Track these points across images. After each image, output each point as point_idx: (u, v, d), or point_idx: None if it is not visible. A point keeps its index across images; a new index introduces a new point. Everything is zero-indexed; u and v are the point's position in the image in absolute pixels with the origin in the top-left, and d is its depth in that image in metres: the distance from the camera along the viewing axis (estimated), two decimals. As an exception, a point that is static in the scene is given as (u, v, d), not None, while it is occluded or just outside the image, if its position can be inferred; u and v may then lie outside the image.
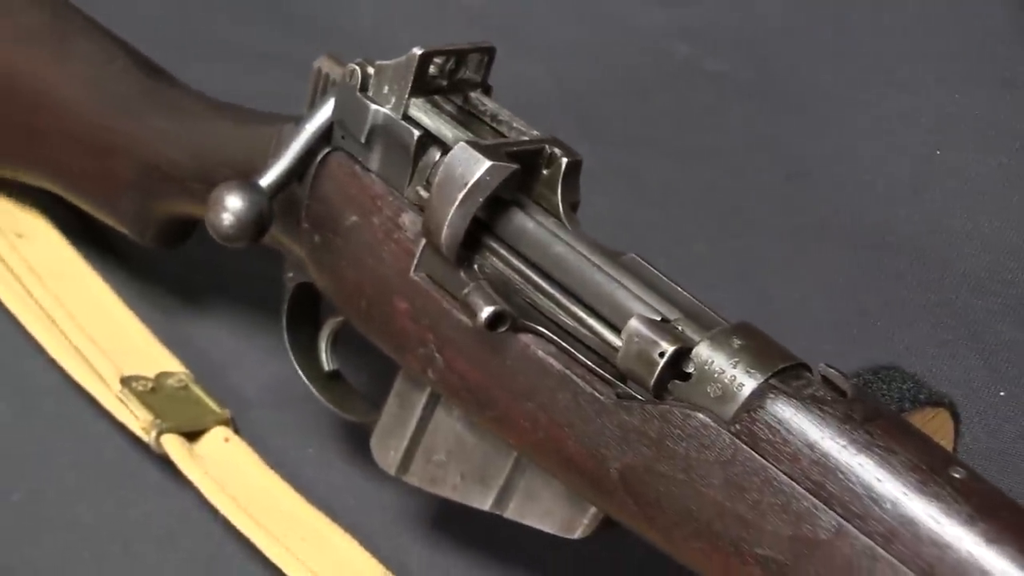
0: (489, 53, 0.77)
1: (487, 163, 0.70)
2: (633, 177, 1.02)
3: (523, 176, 0.72)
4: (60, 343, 0.93)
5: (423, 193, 0.74)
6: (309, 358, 0.86)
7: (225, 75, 1.10)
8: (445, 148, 0.73)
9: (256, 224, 0.75)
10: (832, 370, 0.65)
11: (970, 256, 0.96)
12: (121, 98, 0.91)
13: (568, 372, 0.69)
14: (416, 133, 0.74)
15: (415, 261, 0.74)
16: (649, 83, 1.07)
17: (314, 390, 0.86)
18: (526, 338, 0.70)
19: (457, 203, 0.70)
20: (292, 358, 0.86)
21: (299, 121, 0.79)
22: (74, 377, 0.92)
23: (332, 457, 0.90)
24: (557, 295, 0.70)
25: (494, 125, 0.76)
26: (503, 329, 0.69)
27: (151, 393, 0.91)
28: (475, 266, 0.72)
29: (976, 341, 0.92)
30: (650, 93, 1.06)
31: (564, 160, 0.74)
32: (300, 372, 0.86)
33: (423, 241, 0.73)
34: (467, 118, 0.76)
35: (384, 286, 0.75)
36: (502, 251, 0.72)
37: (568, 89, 1.08)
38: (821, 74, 1.07)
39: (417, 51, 0.75)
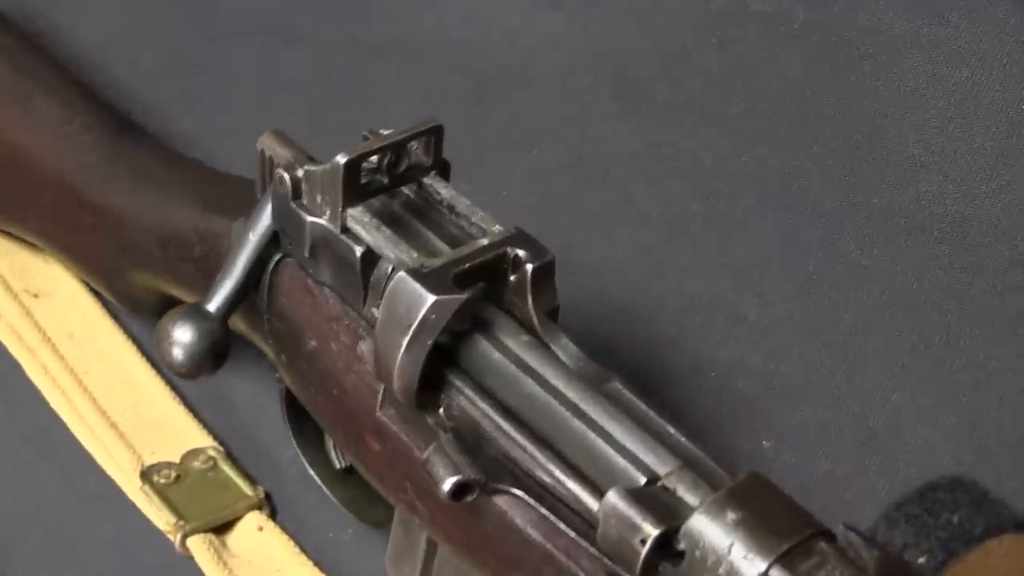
0: (434, 133, 0.66)
1: (431, 298, 0.60)
2: (679, 158, 0.89)
3: (489, 285, 0.63)
4: (79, 425, 0.87)
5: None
6: (320, 454, 0.78)
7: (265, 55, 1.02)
8: None
9: (212, 355, 0.69)
10: (853, 534, 0.54)
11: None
12: (83, 168, 0.83)
13: (549, 546, 0.59)
14: (358, 250, 0.65)
15: (379, 398, 0.65)
16: (690, 36, 0.93)
17: (327, 491, 0.78)
18: (502, 502, 0.61)
19: (404, 348, 0.61)
20: (302, 458, 0.78)
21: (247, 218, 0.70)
22: (98, 462, 0.85)
23: (374, 540, 0.81)
24: (530, 448, 0.61)
25: (452, 218, 0.66)
26: (471, 498, 0.60)
27: (175, 484, 0.83)
28: (441, 408, 0.63)
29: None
30: (692, 49, 0.92)
31: (529, 266, 0.63)
32: (312, 472, 0.78)
33: (384, 377, 0.64)
34: (422, 210, 0.67)
35: (354, 421, 0.67)
36: (467, 390, 0.62)
37: (601, 50, 0.95)
38: (887, 8, 0.91)
39: (341, 160, 0.64)
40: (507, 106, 0.95)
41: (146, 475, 0.83)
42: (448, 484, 0.59)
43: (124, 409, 0.87)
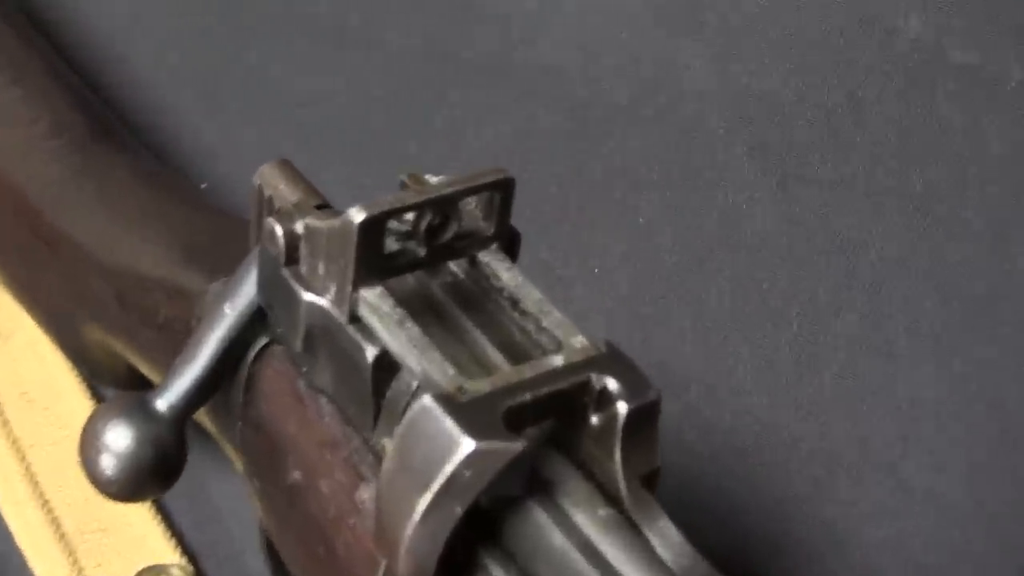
0: (502, 188, 0.48)
1: (468, 444, 0.42)
2: (833, 247, 0.75)
3: (560, 426, 0.45)
4: (14, 516, 0.73)
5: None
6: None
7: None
8: None
9: (157, 471, 0.52)
10: None
11: None
12: (43, 182, 0.68)
13: None
14: (371, 352, 0.47)
15: (380, 573, 0.46)
16: (861, 84, 0.79)
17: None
18: None
19: (419, 516, 0.43)
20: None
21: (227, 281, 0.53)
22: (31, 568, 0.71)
23: None
24: None
25: (515, 316, 0.48)
26: None
27: (121, 612, 0.68)
28: (469, 605, 0.44)
29: None
30: (862, 101, 0.78)
31: (623, 407, 0.44)
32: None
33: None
34: (473, 299, 0.49)
35: None
36: None
37: (741, 91, 0.80)
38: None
39: (356, 216, 0.46)
40: (611, 152, 0.81)
41: (84, 593, 0.69)
42: None
43: (73, 501, 0.73)
